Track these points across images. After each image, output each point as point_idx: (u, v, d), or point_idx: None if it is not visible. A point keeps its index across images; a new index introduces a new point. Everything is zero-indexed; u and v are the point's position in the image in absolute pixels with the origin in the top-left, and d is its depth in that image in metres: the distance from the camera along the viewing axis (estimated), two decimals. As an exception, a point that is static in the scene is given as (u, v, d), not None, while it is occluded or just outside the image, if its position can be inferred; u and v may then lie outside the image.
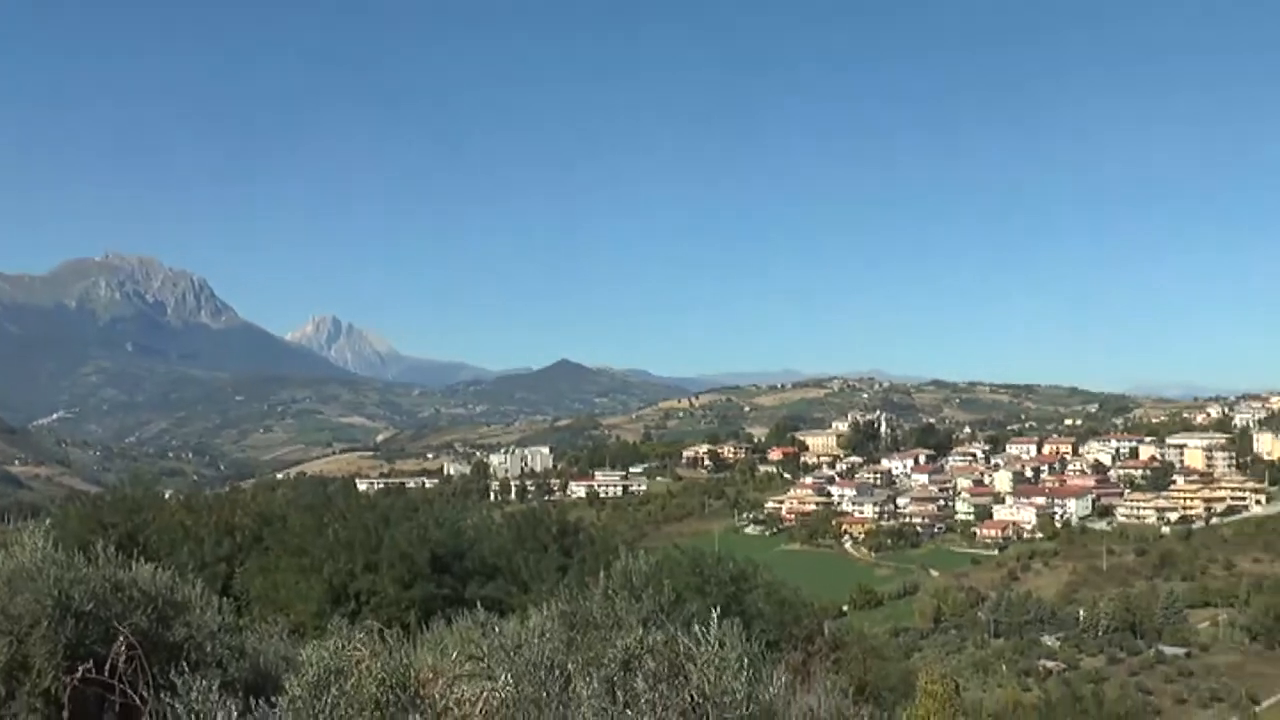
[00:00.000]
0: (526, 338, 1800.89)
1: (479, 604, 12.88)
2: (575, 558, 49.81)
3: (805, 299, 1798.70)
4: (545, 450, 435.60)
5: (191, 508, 49.61)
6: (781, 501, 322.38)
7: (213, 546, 42.04)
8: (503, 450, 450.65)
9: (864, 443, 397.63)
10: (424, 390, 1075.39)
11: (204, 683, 8.07)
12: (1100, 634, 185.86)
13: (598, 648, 9.02)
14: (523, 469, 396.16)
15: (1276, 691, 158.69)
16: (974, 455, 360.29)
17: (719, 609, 9.52)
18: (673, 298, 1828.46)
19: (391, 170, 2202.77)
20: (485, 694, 8.41)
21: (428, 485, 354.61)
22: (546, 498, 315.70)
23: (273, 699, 8.30)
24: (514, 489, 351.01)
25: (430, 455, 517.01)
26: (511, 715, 8.19)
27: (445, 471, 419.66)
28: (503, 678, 8.51)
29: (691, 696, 7.93)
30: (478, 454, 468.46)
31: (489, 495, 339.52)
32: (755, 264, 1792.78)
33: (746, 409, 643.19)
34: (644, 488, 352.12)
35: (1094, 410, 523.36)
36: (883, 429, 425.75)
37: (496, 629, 10.05)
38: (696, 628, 8.76)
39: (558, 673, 8.35)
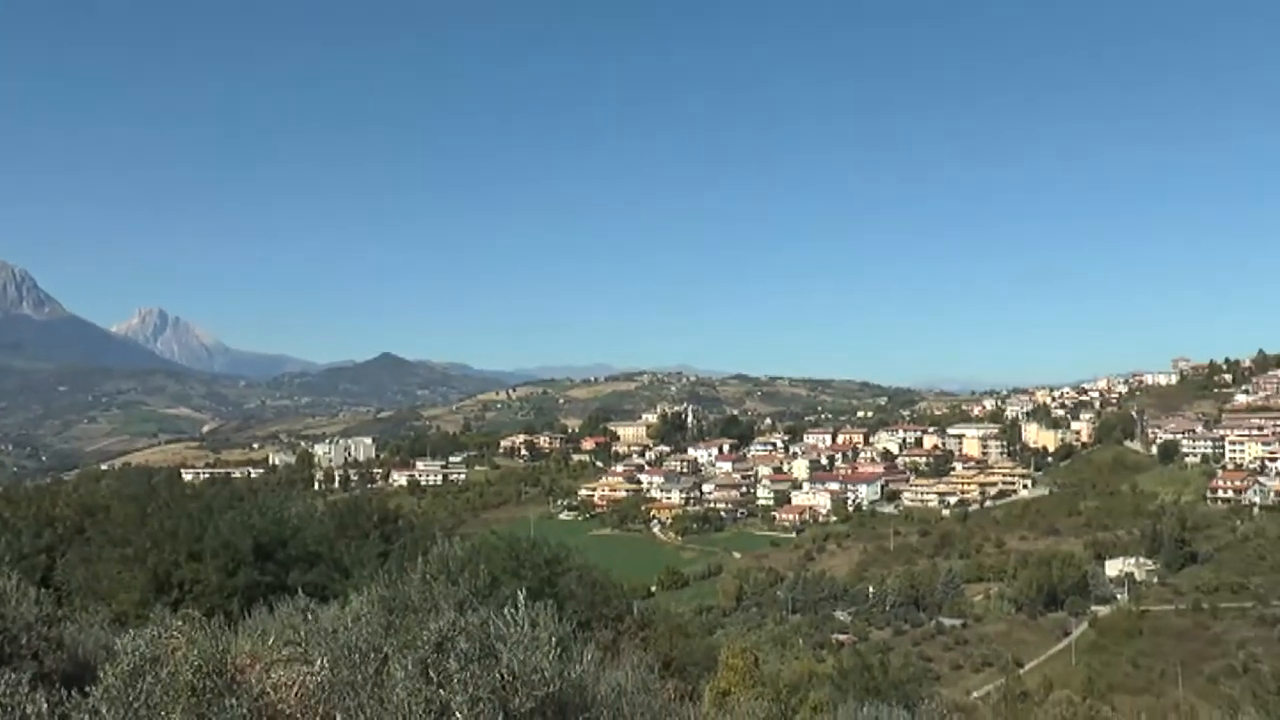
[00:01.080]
0: (351, 331, 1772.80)
1: (301, 591, 12.55)
2: (396, 544, 49.07)
3: (618, 297, 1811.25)
4: (368, 441, 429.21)
5: (10, 499, 47.42)
6: (594, 489, 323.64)
7: (31, 538, 40.26)
8: (327, 441, 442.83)
9: (672, 433, 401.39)
10: (250, 382, 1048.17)
11: (14, 676, 7.68)
12: (887, 608, 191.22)
13: (415, 630, 8.86)
14: (346, 459, 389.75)
15: (1038, 655, 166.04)
16: (774, 445, 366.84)
17: (533, 591, 9.46)
18: (492, 293, 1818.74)
19: (214, 162, 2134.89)
20: (301, 678, 8.22)
21: (253, 475, 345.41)
22: (369, 487, 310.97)
23: (88, 689, 7.93)
24: (338, 478, 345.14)
25: (256, 446, 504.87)
26: (327, 697, 8.02)
27: (271, 462, 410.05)
28: (319, 662, 8.33)
29: (502, 675, 7.87)
30: (303, 444, 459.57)
31: (313, 485, 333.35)
32: (570, 262, 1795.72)
33: (561, 401, 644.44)
34: (463, 476, 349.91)
35: (884, 403, 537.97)
36: (689, 420, 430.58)
37: (316, 615, 9.82)
38: (509, 609, 8.71)
39: (374, 655, 8.18)
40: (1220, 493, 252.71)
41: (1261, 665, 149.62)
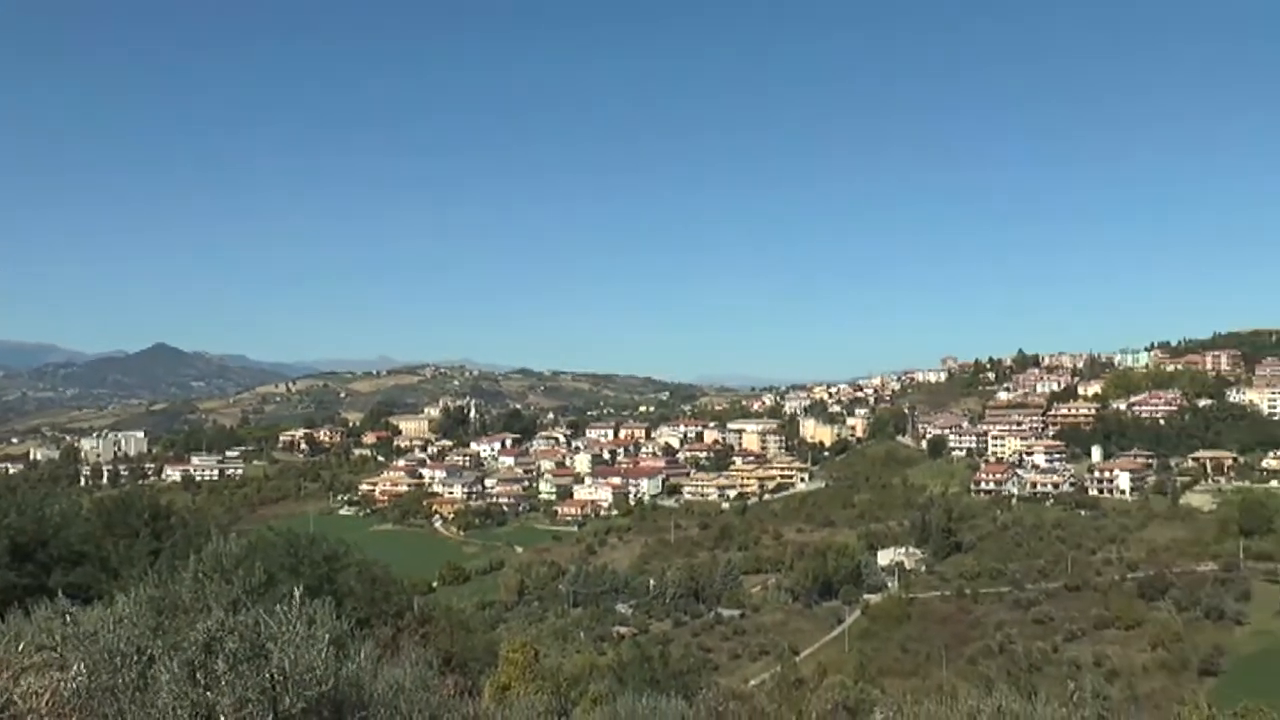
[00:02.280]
0: (122, 320, 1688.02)
1: (62, 593, 11.97)
2: (167, 542, 47.30)
3: (400, 289, 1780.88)
4: (140, 434, 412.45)
5: None
6: (375, 484, 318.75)
7: None
8: (95, 435, 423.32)
9: (454, 427, 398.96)
10: (9, 372, 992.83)
11: None
12: (668, 600, 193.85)
13: (184, 631, 8.56)
14: (116, 453, 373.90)
15: (813, 643, 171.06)
16: (557, 439, 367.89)
17: (311, 589, 9.25)
18: (271, 282, 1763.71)
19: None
20: (55, 685, 7.81)
21: (11, 471, 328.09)
22: (141, 482, 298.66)
23: None
24: (106, 474, 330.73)
25: (15, 440, 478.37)
26: (84, 705, 7.65)
27: (31, 457, 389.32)
28: (76, 667, 7.94)
29: (272, 675, 7.66)
30: (68, 438, 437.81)
31: (79, 481, 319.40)
32: (353, 253, 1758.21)
33: (343, 394, 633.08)
34: (240, 471, 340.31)
35: (665, 398, 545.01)
36: (472, 414, 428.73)
37: (77, 617, 9.38)
38: (283, 607, 8.49)
39: (137, 658, 7.86)
40: (983, 484, 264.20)
41: (1016, 645, 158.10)
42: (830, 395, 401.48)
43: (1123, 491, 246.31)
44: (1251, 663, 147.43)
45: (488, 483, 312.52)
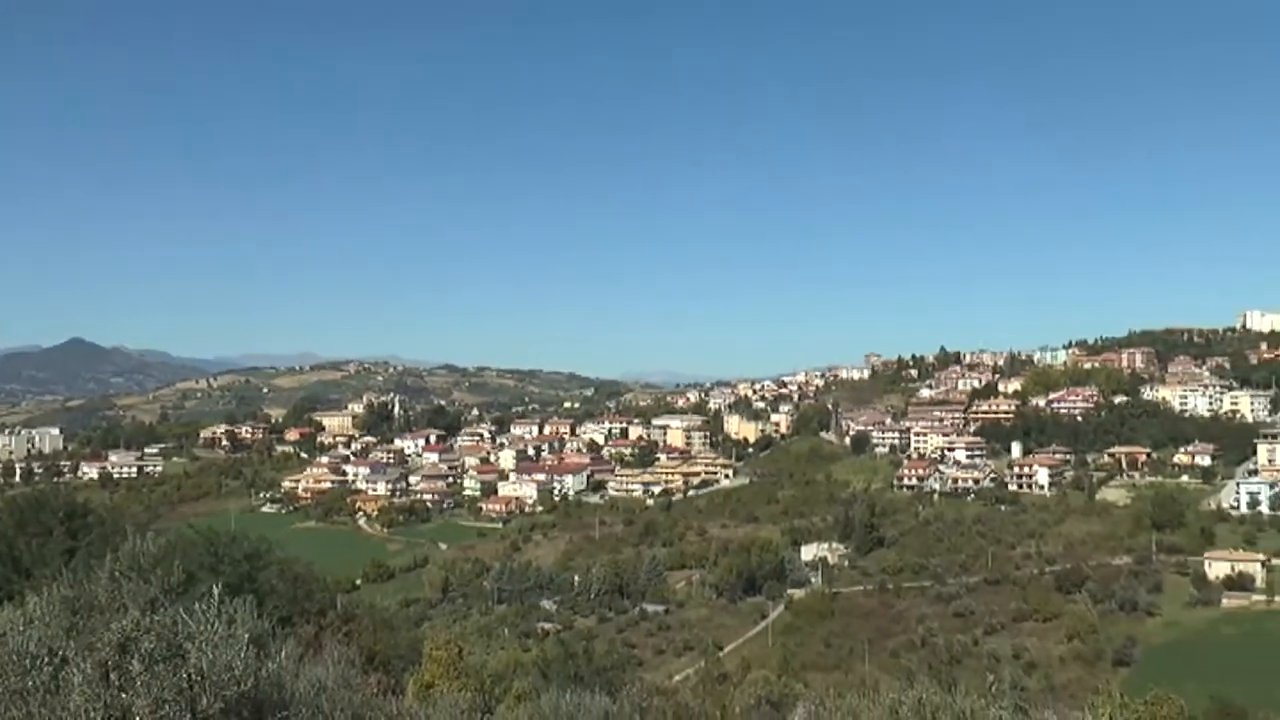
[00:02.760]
0: (36, 313, 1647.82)
1: (-30, 592, 11.70)
2: (83, 541, 46.44)
3: (323, 283, 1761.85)
4: (55, 431, 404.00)
5: None
6: (298, 481, 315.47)
7: None
8: (7, 432, 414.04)
9: (379, 423, 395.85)
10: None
11: None
12: (593, 596, 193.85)
13: (99, 632, 8.38)
14: (30, 451, 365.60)
15: (737, 638, 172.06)
16: (481, 435, 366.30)
17: (231, 587, 9.13)
18: (191, 275, 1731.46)
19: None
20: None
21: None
22: (56, 480, 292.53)
23: None
24: (19, 472, 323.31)
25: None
26: (-8, 707, 7.48)
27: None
28: (-17, 669, 7.75)
29: (189, 676, 7.53)
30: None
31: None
32: (275, 248, 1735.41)
33: (265, 390, 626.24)
34: (160, 469, 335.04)
35: (590, 394, 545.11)
36: (396, 410, 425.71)
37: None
38: (201, 606, 8.36)
39: (49, 660, 7.69)
40: (906, 480, 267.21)
41: (937, 639, 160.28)
42: (755, 392, 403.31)
43: (1041, 487, 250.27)
44: (1162, 652, 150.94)
45: (412, 480, 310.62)
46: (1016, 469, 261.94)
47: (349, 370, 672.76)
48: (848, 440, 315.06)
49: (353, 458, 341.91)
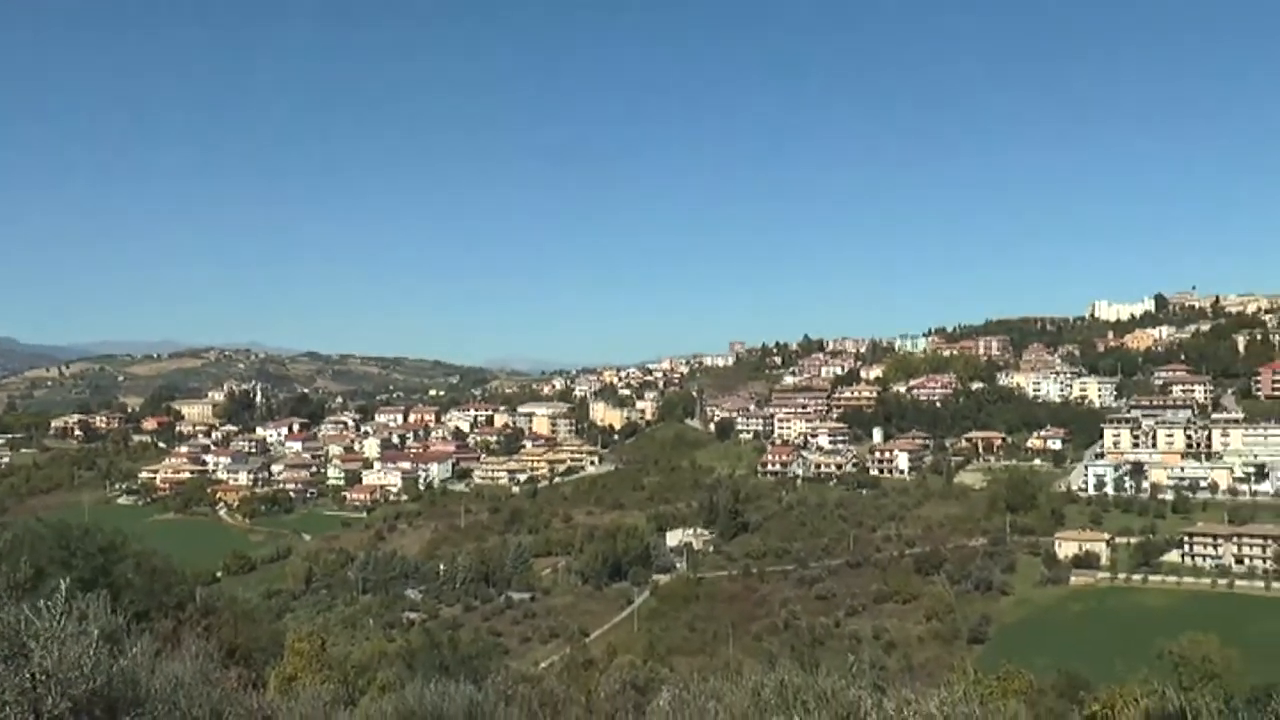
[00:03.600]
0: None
1: None
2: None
3: (183, 268, 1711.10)
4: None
5: None
6: (156, 471, 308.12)
7: None
8: None
9: (240, 412, 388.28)
10: None
11: None
12: (458, 585, 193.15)
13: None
14: None
15: (603, 624, 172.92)
16: (346, 424, 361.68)
17: (85, 582, 8.89)
18: (39, 256, 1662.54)
19: None
20: None
21: None
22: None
23: None
24: None
25: None
26: None
27: None
28: None
29: (33, 675, 7.30)
30: None
31: None
32: (132, 229, 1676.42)
33: (121, 378, 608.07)
34: (8, 460, 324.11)
35: (456, 382, 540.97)
36: (258, 399, 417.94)
37: None
38: (48, 603, 8.10)
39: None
40: (769, 466, 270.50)
41: (800, 621, 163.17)
42: (620, 379, 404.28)
43: (902, 471, 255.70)
44: (1014, 630, 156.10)
45: (274, 469, 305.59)
46: (878, 454, 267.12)
47: (209, 358, 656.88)
48: (712, 427, 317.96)
49: (213, 447, 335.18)
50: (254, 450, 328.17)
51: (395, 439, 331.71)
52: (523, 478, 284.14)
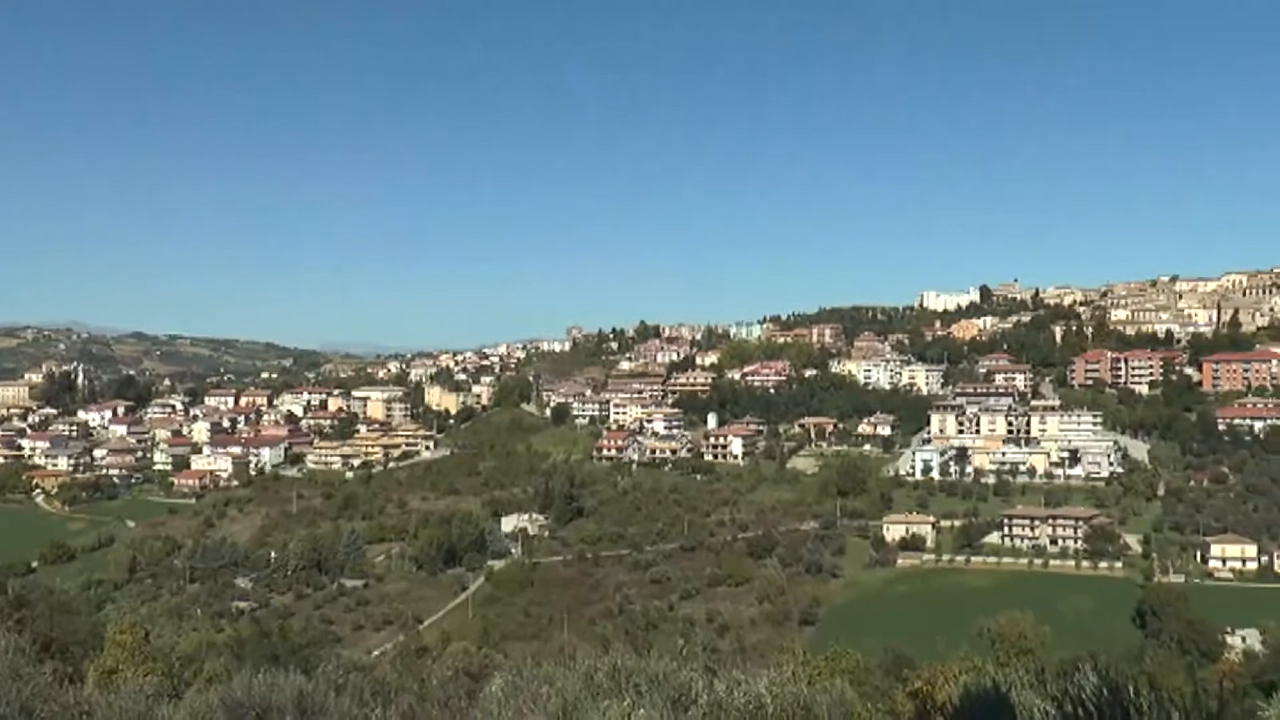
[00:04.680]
0: None
1: None
2: None
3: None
4: None
5: None
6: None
7: None
8: None
9: (60, 394, 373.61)
10: None
11: None
12: (290, 573, 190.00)
13: None
14: None
15: (438, 611, 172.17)
16: (174, 407, 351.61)
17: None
18: None
19: None
20: None
21: None
22: None
23: None
24: None
25: None
26: None
27: None
28: None
29: None
30: None
31: None
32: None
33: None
34: None
35: (289, 365, 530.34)
36: (80, 380, 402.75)
37: None
38: None
39: None
40: (605, 451, 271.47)
41: (635, 605, 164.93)
42: (456, 363, 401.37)
43: (735, 456, 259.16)
44: (844, 611, 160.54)
45: (97, 454, 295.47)
46: (712, 439, 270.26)
47: (25, 337, 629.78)
48: (549, 412, 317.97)
49: (30, 431, 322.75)
50: (75, 435, 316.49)
51: (226, 423, 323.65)
52: (356, 463, 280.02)
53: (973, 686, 10.52)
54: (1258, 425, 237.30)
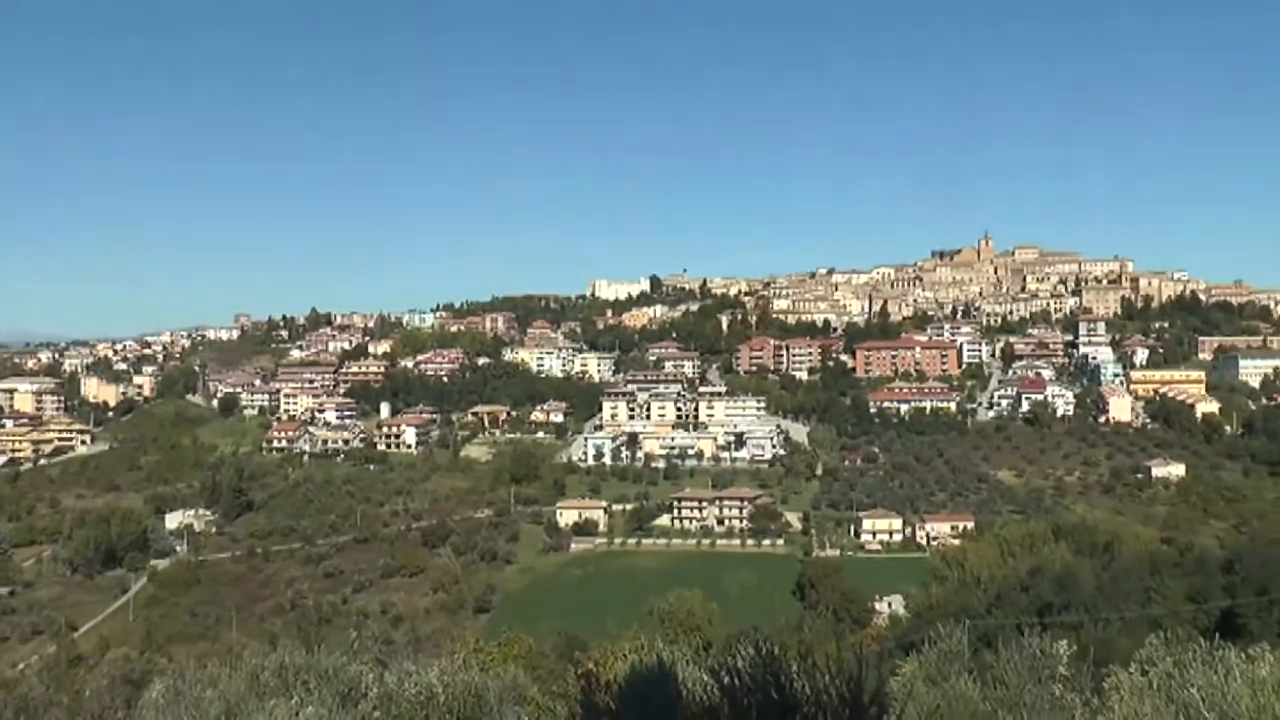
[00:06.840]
0: None
1: None
2: None
3: None
4: None
5: None
6: None
7: None
8: None
9: None
10: None
11: None
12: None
13: None
14: None
15: (96, 615, 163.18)
16: None
17: None
18: None
19: None
20: None
21: None
22: None
23: None
24: None
25: None
26: None
27: None
28: None
29: None
30: None
31: None
32: None
33: None
34: None
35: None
36: None
37: None
38: None
39: None
40: (276, 443, 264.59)
41: (307, 600, 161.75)
42: (116, 352, 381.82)
43: (409, 446, 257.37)
44: (519, 597, 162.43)
45: None
46: (385, 429, 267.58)
47: None
48: (216, 403, 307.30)
49: None
50: None
51: None
52: (2, 460, 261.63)
53: (638, 664, 10.85)
54: (903, 408, 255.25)
